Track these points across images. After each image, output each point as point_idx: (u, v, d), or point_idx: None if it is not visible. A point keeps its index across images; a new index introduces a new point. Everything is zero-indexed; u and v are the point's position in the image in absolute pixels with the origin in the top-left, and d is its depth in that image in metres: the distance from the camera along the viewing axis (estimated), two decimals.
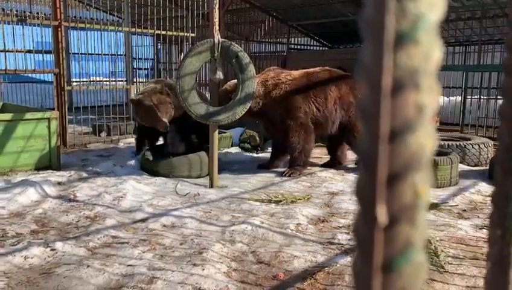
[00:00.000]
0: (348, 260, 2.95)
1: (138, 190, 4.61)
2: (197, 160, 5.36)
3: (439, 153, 5.43)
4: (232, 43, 4.84)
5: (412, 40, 0.36)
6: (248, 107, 4.89)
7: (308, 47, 12.85)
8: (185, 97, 4.72)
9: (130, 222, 3.71)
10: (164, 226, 3.60)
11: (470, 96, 9.33)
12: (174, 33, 8.08)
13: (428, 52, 0.37)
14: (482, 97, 9.26)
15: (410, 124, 0.37)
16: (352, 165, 6.07)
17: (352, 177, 5.41)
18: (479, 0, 8.65)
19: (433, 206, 4.14)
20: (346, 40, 12.39)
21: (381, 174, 0.37)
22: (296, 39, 12.69)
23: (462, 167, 5.64)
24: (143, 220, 3.71)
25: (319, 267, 2.83)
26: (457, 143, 6.14)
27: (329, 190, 4.78)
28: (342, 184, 5.00)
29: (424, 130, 0.38)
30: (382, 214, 0.38)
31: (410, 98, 0.37)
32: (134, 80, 10.46)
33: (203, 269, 2.78)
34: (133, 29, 8.75)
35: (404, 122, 0.37)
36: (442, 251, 3.02)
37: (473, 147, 6.11)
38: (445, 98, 11.42)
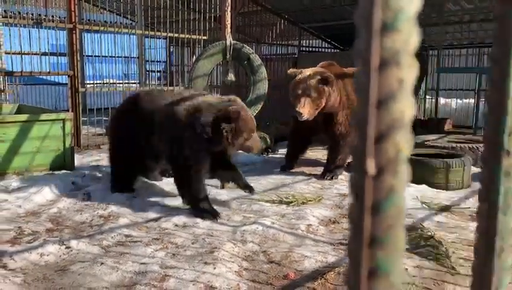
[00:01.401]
0: None
1: (151, 189, 4.67)
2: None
3: (452, 156, 5.40)
4: (244, 45, 4.89)
5: (394, 28, 0.47)
6: (259, 109, 4.92)
7: (319, 49, 12.85)
8: None
9: (143, 221, 3.76)
10: (176, 225, 3.64)
11: (483, 99, 9.24)
12: (187, 36, 8.16)
13: (408, 37, 0.47)
14: None
15: (393, 94, 0.48)
16: None
17: None
18: (492, 1, 8.58)
19: (445, 209, 4.13)
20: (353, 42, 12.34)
21: (371, 134, 0.48)
22: (307, 41, 12.70)
23: (475, 169, 5.59)
24: (155, 220, 3.76)
25: (330, 268, 2.85)
26: (470, 146, 6.09)
27: (340, 191, 4.78)
28: None
29: (405, 100, 0.48)
30: (371, 166, 0.48)
31: (393, 73, 0.47)
32: (147, 83, 10.58)
33: (215, 268, 2.81)
34: (146, 32, 8.87)
35: (389, 93, 0.47)
36: (453, 252, 3.01)
37: None
38: (459, 100, 11.32)
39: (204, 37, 8.31)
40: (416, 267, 2.84)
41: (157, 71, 12.66)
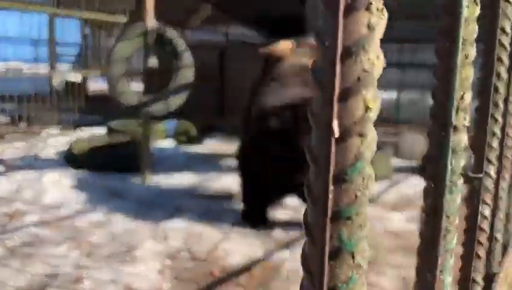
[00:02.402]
0: (285, 253, 2.93)
1: (63, 184, 4.28)
2: (126, 153, 5.09)
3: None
4: (167, 29, 4.63)
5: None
6: (184, 97, 4.70)
7: (248, 38, 12.79)
8: (115, 85, 4.45)
9: (54, 219, 3.43)
10: (92, 223, 3.37)
11: (404, 93, 9.74)
12: (104, 17, 7.62)
13: None
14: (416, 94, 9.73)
15: (362, 41, 0.40)
16: None
17: None
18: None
19: (370, 200, 4.26)
20: (286, 33, 12.48)
21: (335, 90, 0.41)
22: (235, 29, 12.57)
23: (396, 161, 5.88)
24: (68, 217, 3.45)
25: (256, 262, 2.79)
26: (392, 139, 6.42)
27: None
28: None
29: (374, 49, 0.41)
30: (335, 128, 0.41)
31: (362, 17, 0.40)
32: (58, 67, 9.78)
33: (135, 268, 2.62)
34: (58, 11, 8.12)
35: (357, 40, 0.40)
36: (377, 243, 3.09)
37: (406, 143, 6.40)
38: (379, 94, 11.92)
39: (124, 20, 7.83)
40: None
41: (71, 55, 11.75)
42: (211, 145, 6.96)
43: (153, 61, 4.48)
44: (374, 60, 0.41)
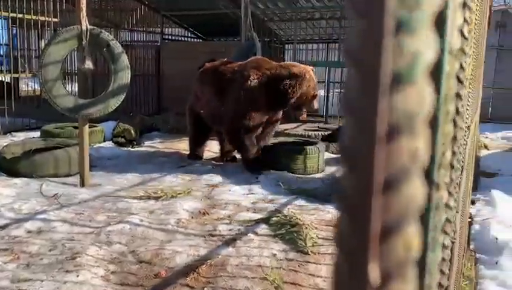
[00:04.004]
0: (229, 250, 3.01)
1: None
2: (64, 157, 4.93)
3: (308, 143, 5.86)
4: (102, 30, 4.54)
5: (409, 80, 0.34)
6: (122, 99, 4.64)
7: (183, 38, 12.70)
8: (49, 88, 4.29)
9: None
10: (29, 232, 3.24)
11: (332, 90, 10.20)
12: (34, 17, 7.26)
13: (424, 93, 0.35)
14: (343, 91, 10.21)
15: (405, 171, 0.34)
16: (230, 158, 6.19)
17: (230, 168, 5.52)
18: (338, 1, 9.49)
19: (304, 192, 4.46)
20: (220, 33, 12.54)
21: (375, 228, 0.33)
22: (170, 29, 12.43)
23: (327, 155, 6.16)
24: (2, 227, 3.30)
25: (202, 261, 2.85)
26: (323, 133, 6.69)
27: (209, 182, 4.81)
28: (220, 176, 5.07)
29: (418, 178, 0.35)
30: (375, 272, 0.34)
31: (405, 143, 0.34)
32: None
33: (78, 275, 2.59)
34: None
35: (400, 170, 0.34)
36: (312, 235, 3.25)
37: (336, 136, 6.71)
38: None
39: (55, 19, 7.51)
40: (282, 251, 3.01)
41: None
42: (150, 146, 6.88)
43: (89, 63, 4.37)
44: (416, 191, 0.35)
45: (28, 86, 9.81)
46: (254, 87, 5.19)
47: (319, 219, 3.68)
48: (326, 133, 6.79)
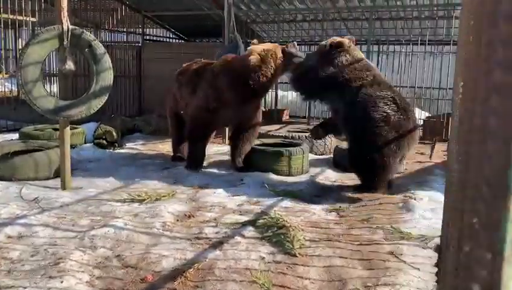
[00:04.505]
0: (216, 253, 2.98)
1: None
2: (44, 159, 4.82)
3: (292, 145, 5.87)
4: (84, 31, 4.46)
5: None
6: (104, 101, 4.56)
7: (165, 39, 12.59)
8: (29, 89, 4.18)
9: None
10: (9, 237, 3.15)
11: None
12: (11, 16, 7.08)
13: None
14: None
15: None
16: (212, 160, 6.16)
17: (215, 170, 5.49)
18: (320, 4, 9.55)
19: (289, 194, 4.46)
20: (202, 34, 12.48)
21: None
22: (151, 30, 12.31)
23: (311, 156, 6.19)
24: None
25: (189, 264, 2.81)
26: (306, 135, 6.71)
27: (193, 184, 4.77)
28: (204, 178, 5.03)
29: None
30: None
31: None
32: None
33: (62, 281, 2.52)
34: None
35: None
36: (299, 237, 3.24)
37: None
38: (294, 93, 12.36)
39: (33, 19, 7.34)
40: (270, 254, 2.99)
41: None
42: (132, 147, 6.79)
43: (70, 64, 4.28)
44: None
45: (4, 86, 9.56)
46: (222, 81, 5.19)
47: (305, 220, 3.68)
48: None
